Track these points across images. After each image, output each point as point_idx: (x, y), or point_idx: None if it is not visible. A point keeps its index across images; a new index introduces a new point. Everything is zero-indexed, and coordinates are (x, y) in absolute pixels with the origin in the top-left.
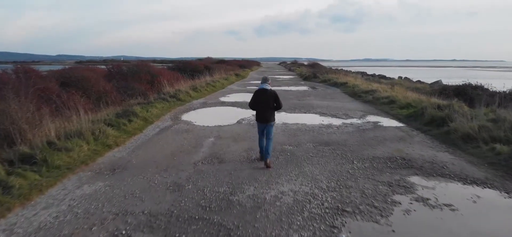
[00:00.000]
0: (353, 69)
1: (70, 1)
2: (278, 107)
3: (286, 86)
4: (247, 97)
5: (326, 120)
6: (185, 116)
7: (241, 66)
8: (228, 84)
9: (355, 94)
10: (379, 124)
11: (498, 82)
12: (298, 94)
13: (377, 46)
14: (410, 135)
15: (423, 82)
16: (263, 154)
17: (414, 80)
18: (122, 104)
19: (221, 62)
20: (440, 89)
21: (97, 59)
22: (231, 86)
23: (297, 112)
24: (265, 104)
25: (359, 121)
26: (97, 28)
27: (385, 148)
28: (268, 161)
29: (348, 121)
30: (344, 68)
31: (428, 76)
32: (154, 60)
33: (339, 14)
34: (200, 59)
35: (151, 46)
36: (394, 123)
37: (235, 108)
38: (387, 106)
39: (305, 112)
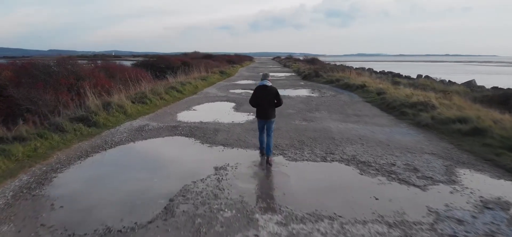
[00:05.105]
0: (354, 64)
1: None
2: (279, 104)
3: (281, 88)
4: (225, 110)
5: (382, 195)
6: (58, 183)
7: (230, 61)
8: (205, 87)
9: (392, 107)
10: None
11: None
12: (300, 105)
13: (371, 41)
14: None
15: (454, 83)
16: (264, 148)
17: (437, 79)
18: None
19: (207, 57)
20: (501, 97)
21: (88, 54)
22: (208, 89)
23: (306, 158)
24: (266, 101)
25: (466, 203)
26: (89, 23)
27: None
28: (269, 159)
29: (440, 205)
30: (342, 63)
31: (439, 73)
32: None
33: (333, 9)
34: (185, 54)
35: (143, 41)
36: None
37: (192, 141)
38: (476, 141)
39: (323, 160)
